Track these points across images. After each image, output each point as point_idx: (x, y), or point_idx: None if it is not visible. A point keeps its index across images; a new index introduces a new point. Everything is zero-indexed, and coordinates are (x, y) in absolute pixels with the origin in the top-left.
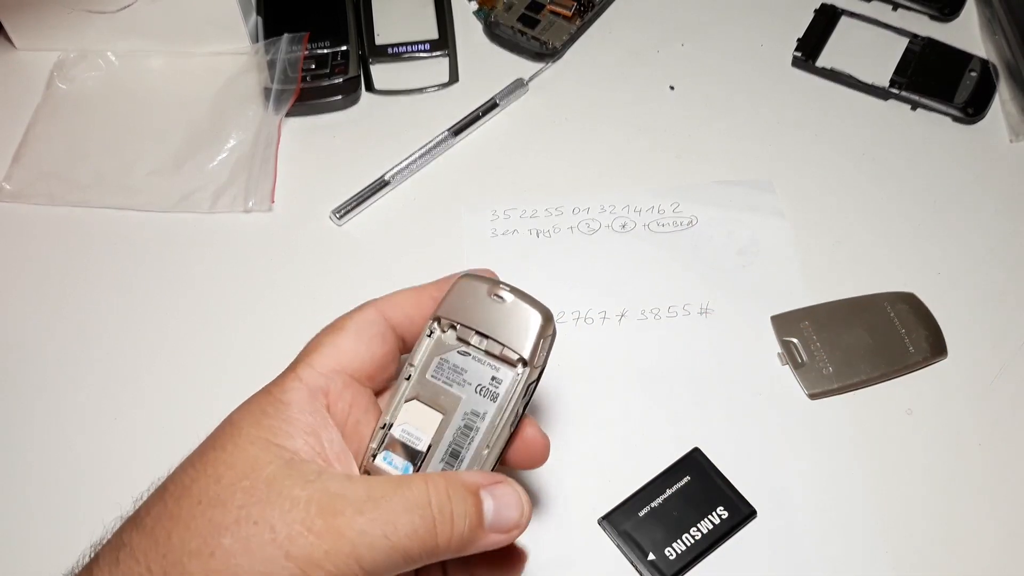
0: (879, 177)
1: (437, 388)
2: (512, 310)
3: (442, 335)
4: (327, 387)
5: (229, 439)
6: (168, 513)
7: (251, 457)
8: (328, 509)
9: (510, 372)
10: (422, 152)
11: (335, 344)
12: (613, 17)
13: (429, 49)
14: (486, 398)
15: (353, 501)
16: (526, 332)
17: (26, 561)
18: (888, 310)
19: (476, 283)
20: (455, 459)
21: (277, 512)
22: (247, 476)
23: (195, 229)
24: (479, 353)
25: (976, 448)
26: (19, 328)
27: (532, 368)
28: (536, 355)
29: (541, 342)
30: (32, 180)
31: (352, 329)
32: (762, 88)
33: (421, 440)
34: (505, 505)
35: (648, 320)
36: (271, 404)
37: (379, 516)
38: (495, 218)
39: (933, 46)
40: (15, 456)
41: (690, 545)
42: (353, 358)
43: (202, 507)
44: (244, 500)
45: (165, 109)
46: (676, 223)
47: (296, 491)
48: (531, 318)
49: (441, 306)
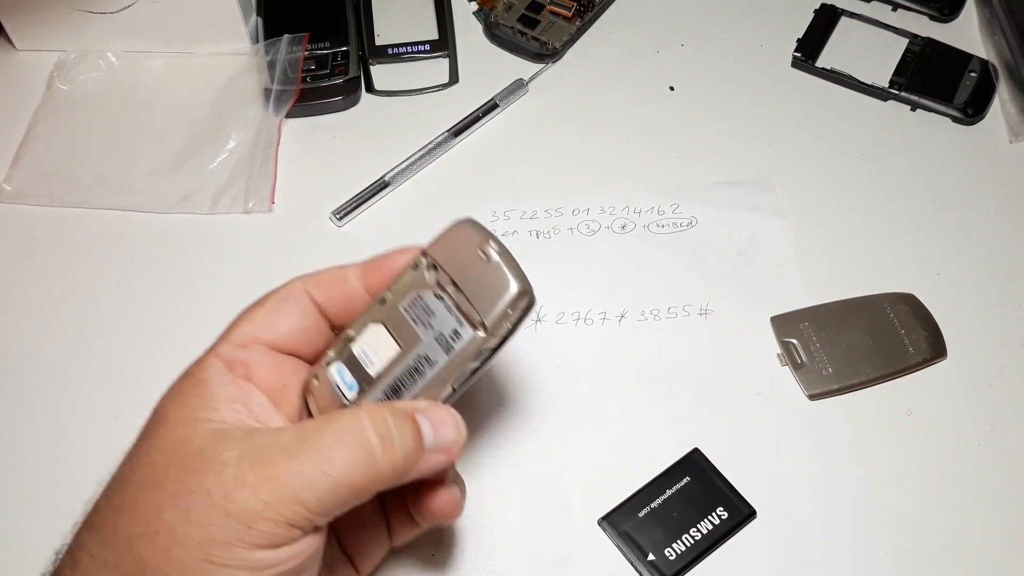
0: (879, 177)
1: (404, 322)
2: (492, 272)
3: (425, 272)
4: (246, 359)
5: (159, 424)
6: (112, 506)
7: (180, 436)
8: (259, 460)
9: (470, 332)
10: (422, 153)
11: (251, 318)
12: (613, 17)
13: (429, 50)
14: (442, 348)
15: (284, 447)
16: (495, 299)
17: (26, 561)
18: (888, 311)
19: (471, 232)
20: (395, 395)
21: (210, 476)
22: (178, 453)
23: (195, 230)
24: (450, 302)
25: (976, 448)
26: (19, 328)
27: (490, 336)
28: (498, 325)
29: (508, 312)
30: (32, 181)
31: (270, 302)
32: (762, 88)
33: (374, 365)
34: (442, 425)
35: (648, 321)
36: (191, 384)
37: (312, 454)
38: (495, 219)
39: (933, 46)
40: (15, 456)
41: (690, 546)
42: (268, 328)
43: (141, 492)
44: (179, 475)
45: (165, 109)
46: (676, 224)
47: (226, 453)
48: (505, 287)
49: (433, 244)
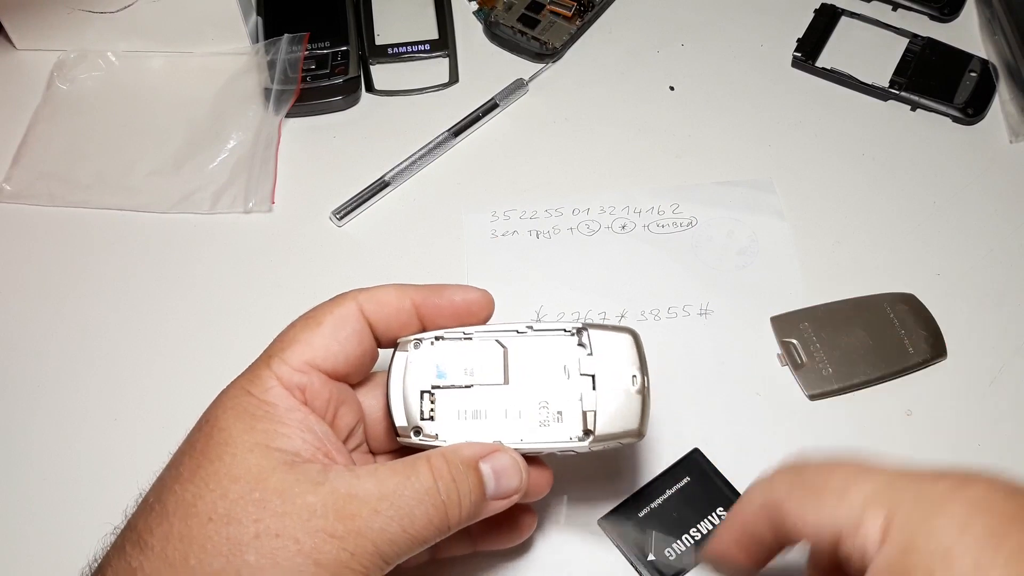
0: (879, 177)
1: (525, 362)
2: (628, 400)
3: (575, 343)
4: (303, 384)
5: (224, 449)
6: (177, 534)
7: (253, 466)
8: (345, 513)
9: (575, 431)
10: (422, 153)
11: (309, 341)
12: (613, 17)
13: (429, 49)
14: (539, 417)
15: (367, 500)
16: (615, 424)
17: (27, 561)
18: (888, 311)
19: (632, 350)
20: (473, 418)
21: (297, 523)
22: (255, 487)
23: (195, 229)
24: (575, 388)
25: (976, 449)
26: (19, 328)
27: (587, 446)
28: (599, 443)
29: (615, 442)
30: (32, 180)
31: (328, 325)
32: (762, 88)
33: (472, 377)
34: (504, 475)
35: (648, 321)
36: (257, 406)
37: (395, 513)
38: (495, 219)
39: (933, 46)
40: (15, 456)
41: (689, 545)
42: (326, 356)
43: (215, 525)
44: (259, 514)
45: (165, 109)
46: (676, 224)
47: (309, 498)
48: (631, 423)
49: (595, 328)
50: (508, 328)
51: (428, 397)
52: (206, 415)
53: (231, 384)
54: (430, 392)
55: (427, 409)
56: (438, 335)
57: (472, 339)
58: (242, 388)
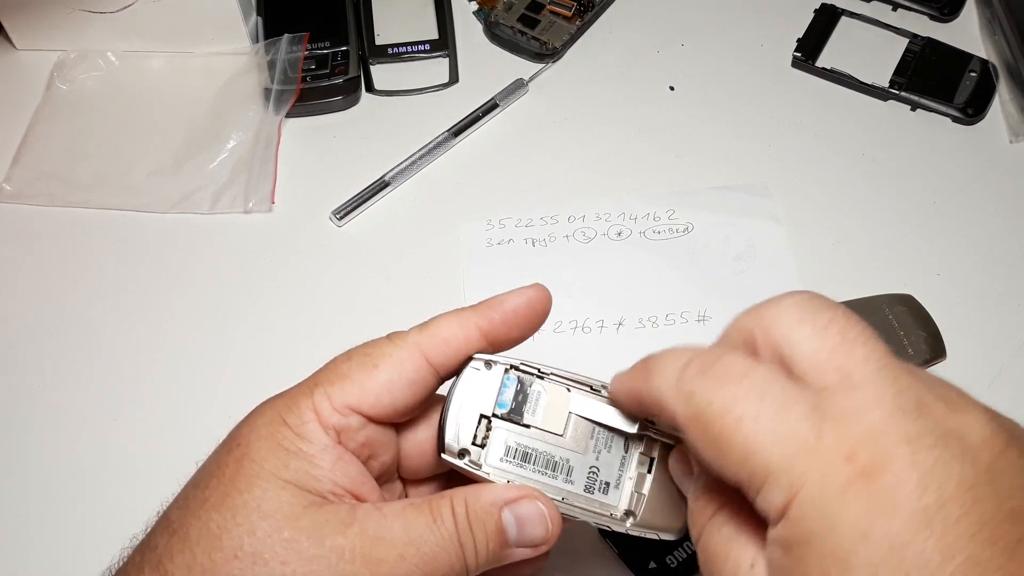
0: (878, 177)
1: (586, 425)
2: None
3: (638, 433)
4: (340, 426)
5: (254, 482)
6: (200, 567)
7: (284, 504)
8: (372, 559)
9: (619, 510)
10: (422, 153)
11: (361, 384)
12: (613, 17)
13: (429, 49)
14: (586, 482)
15: (394, 545)
16: (658, 518)
17: (26, 561)
18: (886, 312)
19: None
20: (523, 462)
21: (324, 567)
22: (284, 527)
23: (195, 229)
24: (633, 472)
25: None
26: (19, 328)
27: (626, 527)
28: (637, 529)
29: (653, 535)
30: (32, 180)
31: (385, 371)
32: (762, 88)
33: (533, 416)
34: (529, 523)
35: (646, 328)
36: (289, 439)
37: (420, 561)
38: (490, 227)
39: (933, 46)
40: (15, 456)
41: (691, 553)
42: (375, 405)
43: (240, 563)
44: (286, 556)
45: (165, 109)
46: (672, 230)
47: (339, 540)
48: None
49: (659, 426)
50: (584, 381)
51: (485, 423)
52: (237, 436)
53: (266, 405)
54: (488, 419)
55: (480, 435)
56: (513, 364)
57: (545, 379)
58: (278, 415)
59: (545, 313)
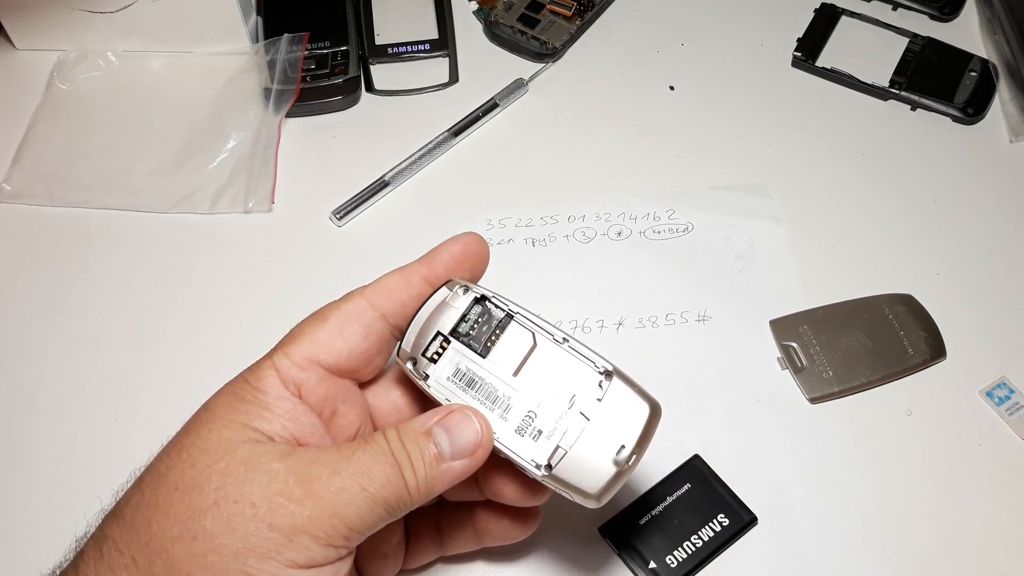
0: (878, 177)
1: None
2: (605, 465)
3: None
4: (300, 379)
5: (204, 424)
6: (146, 502)
7: (225, 440)
8: (305, 476)
9: (538, 452)
10: (422, 152)
11: (313, 336)
12: (613, 17)
13: (429, 49)
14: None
15: (328, 463)
16: (581, 473)
17: (27, 561)
18: (886, 312)
19: (653, 420)
20: (493, 405)
21: (256, 487)
22: (222, 458)
23: (195, 229)
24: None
25: (976, 449)
26: (19, 328)
27: (537, 472)
28: (545, 479)
29: (562, 488)
30: (32, 180)
31: (334, 321)
32: (762, 88)
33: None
34: (459, 431)
35: (646, 328)
36: (247, 391)
37: (353, 470)
38: (490, 227)
39: (933, 46)
40: (15, 456)
41: (691, 553)
42: (329, 352)
43: (179, 493)
44: (221, 481)
45: (165, 109)
46: (672, 230)
47: (273, 464)
48: (592, 480)
49: None
50: (549, 329)
51: (442, 340)
52: (205, 402)
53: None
54: (446, 337)
55: (434, 350)
56: (486, 295)
57: (513, 318)
58: (240, 376)
59: (482, 256)
